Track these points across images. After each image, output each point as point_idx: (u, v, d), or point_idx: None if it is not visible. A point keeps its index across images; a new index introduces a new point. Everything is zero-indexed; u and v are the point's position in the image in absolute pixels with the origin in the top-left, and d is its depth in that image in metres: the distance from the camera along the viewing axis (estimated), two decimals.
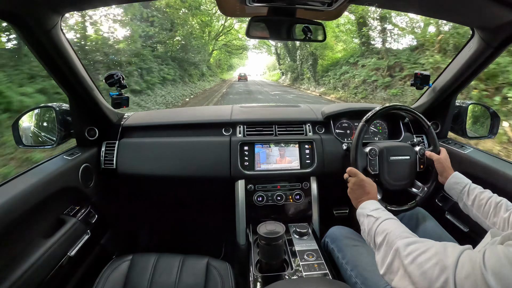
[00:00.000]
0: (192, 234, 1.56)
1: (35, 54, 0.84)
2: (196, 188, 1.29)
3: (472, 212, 0.82)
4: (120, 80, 1.11)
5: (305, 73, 17.65)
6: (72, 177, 0.98)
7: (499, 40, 0.90)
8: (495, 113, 1.23)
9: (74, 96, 1.02)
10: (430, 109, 1.29)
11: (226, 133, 1.22)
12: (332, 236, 0.99)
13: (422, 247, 0.53)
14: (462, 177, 0.89)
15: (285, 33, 0.91)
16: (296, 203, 1.17)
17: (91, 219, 1.05)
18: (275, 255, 0.83)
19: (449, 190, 0.91)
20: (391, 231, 0.62)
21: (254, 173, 1.14)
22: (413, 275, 0.51)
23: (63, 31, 0.85)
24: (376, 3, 0.81)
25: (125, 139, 1.20)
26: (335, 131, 1.26)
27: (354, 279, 0.82)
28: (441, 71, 1.20)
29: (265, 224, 0.83)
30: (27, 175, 0.86)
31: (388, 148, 1.02)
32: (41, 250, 0.79)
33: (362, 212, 0.76)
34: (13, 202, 0.72)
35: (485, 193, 0.81)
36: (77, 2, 0.82)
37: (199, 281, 0.86)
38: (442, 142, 1.26)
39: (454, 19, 0.95)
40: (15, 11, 0.68)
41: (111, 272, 0.87)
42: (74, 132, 1.10)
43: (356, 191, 0.84)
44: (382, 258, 0.60)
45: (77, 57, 0.93)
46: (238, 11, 0.97)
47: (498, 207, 0.74)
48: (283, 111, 1.39)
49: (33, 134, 1.10)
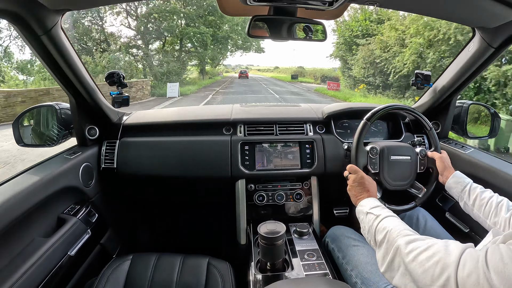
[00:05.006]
0: (193, 233, 1.56)
1: (35, 54, 0.84)
2: (197, 187, 1.29)
3: (473, 211, 0.82)
4: (121, 79, 1.11)
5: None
6: (72, 177, 0.98)
7: (500, 40, 0.90)
8: (496, 113, 1.23)
9: (74, 95, 1.02)
10: (431, 109, 1.29)
11: (227, 133, 1.22)
12: (332, 236, 0.99)
13: (423, 245, 0.53)
14: (463, 177, 0.89)
15: (286, 33, 0.91)
16: (297, 202, 1.17)
17: (92, 219, 1.05)
18: (276, 254, 0.83)
19: (449, 189, 0.91)
20: (392, 228, 0.62)
21: (255, 173, 1.14)
22: (414, 273, 0.51)
23: (64, 30, 0.85)
24: (377, 3, 0.81)
25: (126, 139, 1.20)
26: (336, 130, 1.26)
27: (354, 279, 0.82)
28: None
29: (266, 224, 0.83)
30: (28, 174, 0.86)
31: (389, 148, 1.02)
32: (41, 249, 0.79)
33: (361, 209, 0.75)
34: (13, 201, 0.72)
35: (486, 192, 0.81)
36: (77, 1, 0.82)
37: (199, 281, 0.86)
38: (443, 142, 1.26)
39: (455, 19, 0.94)
40: (15, 10, 0.68)
41: (112, 272, 0.87)
42: (75, 131, 1.10)
43: (355, 188, 0.84)
44: (383, 256, 0.60)
45: (77, 56, 0.93)
46: (239, 11, 0.98)
47: (499, 207, 0.74)
48: (284, 110, 1.39)
49: (33, 133, 1.10)
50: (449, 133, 1.30)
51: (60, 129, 1.06)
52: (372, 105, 1.23)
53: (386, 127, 1.34)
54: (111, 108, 1.20)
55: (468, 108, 1.24)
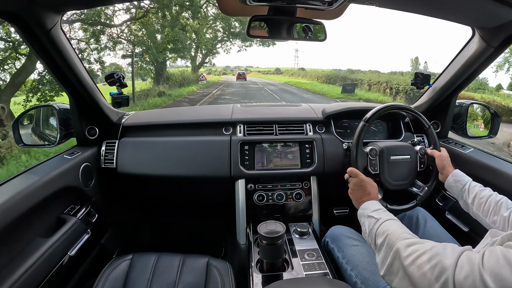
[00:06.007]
0: (192, 233, 1.56)
1: (35, 54, 0.84)
2: (196, 187, 1.29)
3: (472, 210, 0.82)
4: (121, 79, 1.11)
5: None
6: (72, 177, 0.98)
7: (500, 40, 0.90)
8: (496, 113, 1.23)
9: (74, 95, 1.02)
10: (431, 109, 1.29)
11: (227, 133, 1.22)
12: (332, 235, 0.99)
13: (422, 248, 0.53)
14: (463, 175, 0.89)
15: (285, 33, 0.91)
16: (297, 202, 1.17)
17: (91, 219, 1.05)
18: (275, 254, 0.83)
19: (449, 188, 0.91)
20: (391, 232, 0.62)
21: (255, 173, 1.14)
22: (413, 276, 0.51)
23: (63, 30, 0.85)
24: (376, 3, 0.81)
25: (126, 139, 1.20)
26: (336, 130, 1.26)
27: (354, 278, 0.82)
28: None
29: (266, 224, 0.83)
30: (27, 174, 0.86)
31: (389, 148, 1.02)
32: (41, 249, 0.79)
33: (363, 212, 0.76)
34: (13, 201, 0.72)
35: (485, 191, 0.81)
36: (77, 1, 0.82)
37: (199, 281, 0.86)
38: (443, 142, 1.26)
39: (454, 19, 0.94)
40: (15, 11, 0.68)
41: (111, 272, 0.87)
42: (74, 131, 1.10)
43: (357, 192, 0.84)
44: (382, 260, 0.60)
45: (77, 57, 0.93)
46: (238, 11, 0.98)
47: (498, 206, 0.75)
48: (284, 110, 1.39)
49: (33, 133, 1.10)
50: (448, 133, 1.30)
51: (60, 129, 1.06)
52: (371, 104, 1.23)
53: (386, 127, 1.35)
54: (111, 108, 1.20)
55: (468, 107, 1.25)
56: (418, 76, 1.22)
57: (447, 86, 1.17)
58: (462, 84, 1.14)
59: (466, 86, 1.18)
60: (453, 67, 1.11)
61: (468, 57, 1.02)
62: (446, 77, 1.16)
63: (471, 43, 1.01)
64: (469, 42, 1.02)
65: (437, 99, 1.24)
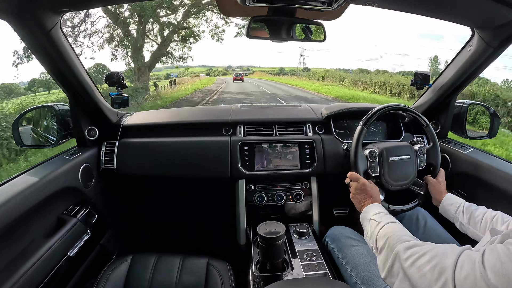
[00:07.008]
0: (192, 234, 1.56)
1: (35, 54, 0.84)
2: (196, 188, 1.29)
3: (469, 230, 0.83)
4: (120, 79, 1.11)
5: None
6: (72, 177, 0.98)
7: (499, 40, 0.90)
8: (495, 113, 1.23)
9: (74, 96, 1.02)
10: (430, 109, 1.29)
11: (226, 133, 1.22)
12: (332, 236, 0.99)
13: (421, 250, 0.54)
14: (455, 198, 0.91)
15: (285, 33, 0.91)
16: (296, 203, 1.17)
17: (91, 219, 1.05)
18: (275, 255, 0.83)
19: (443, 212, 0.92)
20: (392, 235, 0.63)
21: (254, 173, 1.14)
22: (413, 278, 0.52)
23: (63, 31, 0.85)
24: (376, 3, 0.81)
25: (125, 139, 1.20)
26: (335, 131, 1.26)
27: (354, 279, 0.82)
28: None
29: (265, 224, 0.83)
30: (27, 175, 0.86)
31: (388, 149, 1.02)
32: (41, 250, 0.79)
33: (365, 216, 0.77)
34: (13, 202, 0.73)
35: (479, 209, 0.82)
36: (77, 2, 0.82)
37: (199, 281, 0.86)
38: (442, 142, 1.26)
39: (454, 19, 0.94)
40: (15, 11, 0.68)
41: (111, 272, 0.87)
42: (74, 132, 1.10)
43: (358, 196, 0.85)
44: (383, 262, 0.61)
45: (77, 57, 0.93)
46: (238, 11, 0.98)
47: (494, 221, 0.76)
48: (283, 111, 1.39)
49: (33, 134, 1.10)
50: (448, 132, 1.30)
51: (60, 130, 1.06)
52: (371, 105, 1.23)
53: (385, 128, 1.35)
54: (111, 109, 1.20)
55: (468, 108, 1.25)
56: (417, 76, 1.22)
57: (446, 86, 1.17)
58: (462, 85, 1.14)
59: (465, 87, 1.18)
60: (453, 67, 1.11)
61: (468, 57, 1.02)
62: (445, 78, 1.16)
63: (470, 44, 1.00)
64: (468, 42, 1.02)
65: (436, 100, 1.24)
